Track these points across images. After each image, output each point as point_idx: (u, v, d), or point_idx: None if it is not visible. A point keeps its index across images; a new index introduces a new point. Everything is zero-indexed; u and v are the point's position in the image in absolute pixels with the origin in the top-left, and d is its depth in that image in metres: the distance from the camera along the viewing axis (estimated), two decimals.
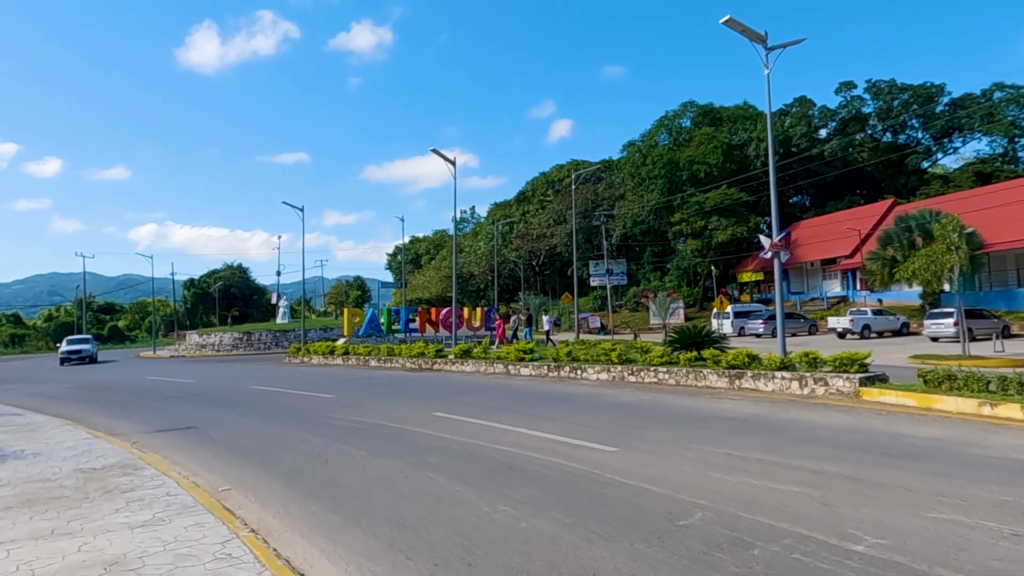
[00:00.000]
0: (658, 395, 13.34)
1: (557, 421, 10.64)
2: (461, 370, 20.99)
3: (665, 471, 7.16)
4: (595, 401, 12.97)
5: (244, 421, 12.65)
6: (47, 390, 22.50)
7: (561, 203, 70.39)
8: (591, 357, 17.01)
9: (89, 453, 9.08)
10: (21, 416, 13.87)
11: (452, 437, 9.66)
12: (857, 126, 62.23)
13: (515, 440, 9.19)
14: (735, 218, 54.43)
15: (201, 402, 16.48)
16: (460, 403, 13.49)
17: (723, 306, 31.85)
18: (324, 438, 10.22)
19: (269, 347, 44.27)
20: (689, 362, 14.67)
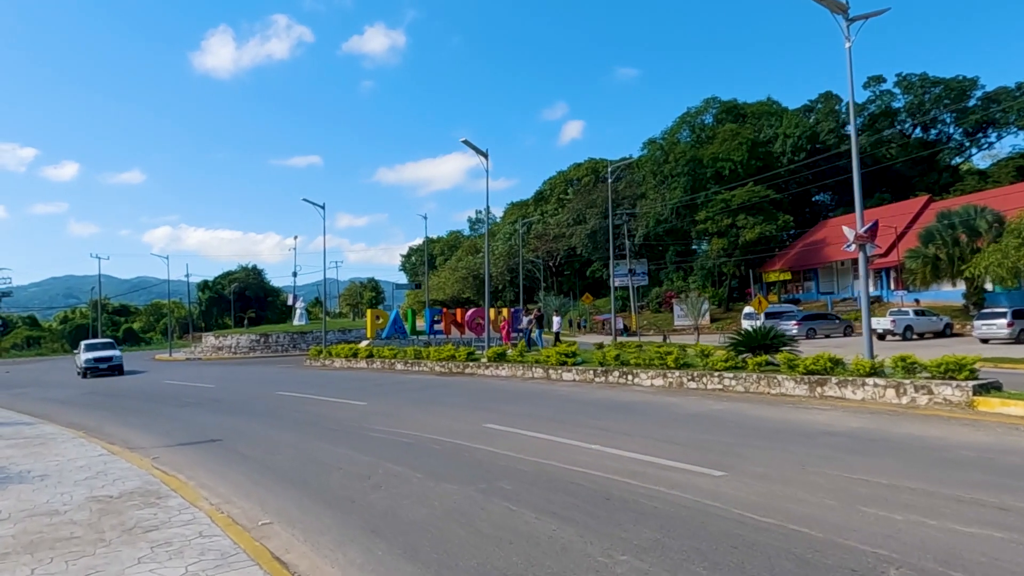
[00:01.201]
0: (731, 404, 11.99)
1: (633, 436, 9.34)
2: (496, 374, 19.73)
3: (803, 504, 5.84)
4: (662, 411, 11.64)
5: (274, 433, 11.44)
6: (60, 395, 21.49)
7: (580, 202, 69.03)
8: (643, 361, 15.69)
9: (104, 475, 7.89)
10: (31, 426, 12.75)
11: (517, 455, 8.39)
12: (887, 121, 60.43)
13: (595, 461, 7.90)
14: (763, 216, 52.81)
15: (223, 409, 15.32)
16: (509, 413, 12.22)
17: (762, 306, 30.36)
18: (368, 455, 8.98)
19: (287, 349, 43.25)
20: (759, 367, 13.32)
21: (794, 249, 58.23)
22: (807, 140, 59.03)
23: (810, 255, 55.19)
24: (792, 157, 58.98)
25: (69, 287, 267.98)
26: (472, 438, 9.76)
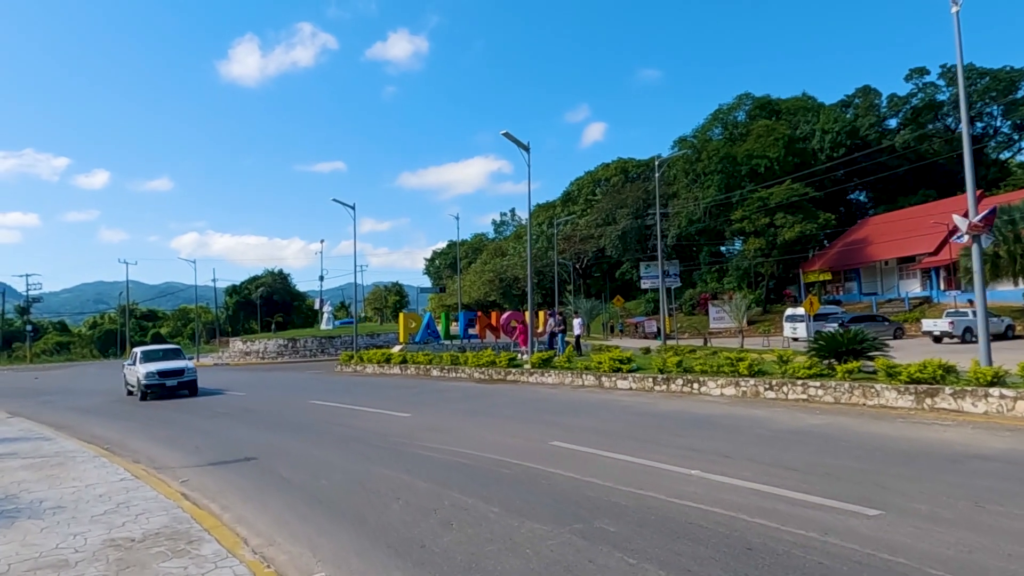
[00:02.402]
0: (829, 417, 10.56)
1: (735, 459, 7.98)
2: (541, 382, 18.44)
3: (1018, 561, 4.47)
4: (751, 427, 10.25)
5: (315, 450, 10.27)
6: (85, 403, 20.65)
7: (610, 202, 67.47)
8: (711, 368, 14.29)
9: (127, 507, 6.74)
10: (51, 441, 11.74)
11: (604, 483, 7.10)
12: (930, 115, 58.13)
13: (704, 492, 6.57)
14: (802, 214, 50.82)
15: (256, 421, 14.23)
16: (574, 428, 10.92)
17: (813, 307, 28.68)
18: (427, 480, 7.75)
19: (315, 354, 42.42)
20: (849, 375, 11.86)
21: (834, 248, 56.14)
22: (847, 135, 56.90)
23: (852, 255, 53.08)
24: (831, 153, 56.90)
25: (99, 293, 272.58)
26: (542, 459, 8.49)
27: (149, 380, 19.69)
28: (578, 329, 28.92)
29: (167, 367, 20.19)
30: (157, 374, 19.76)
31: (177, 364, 20.66)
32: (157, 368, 19.95)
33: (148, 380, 19.67)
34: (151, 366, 20.14)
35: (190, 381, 20.40)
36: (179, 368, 20.32)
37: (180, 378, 20.10)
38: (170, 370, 20.04)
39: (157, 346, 25.93)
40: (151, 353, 21.87)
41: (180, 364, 20.74)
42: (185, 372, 20.30)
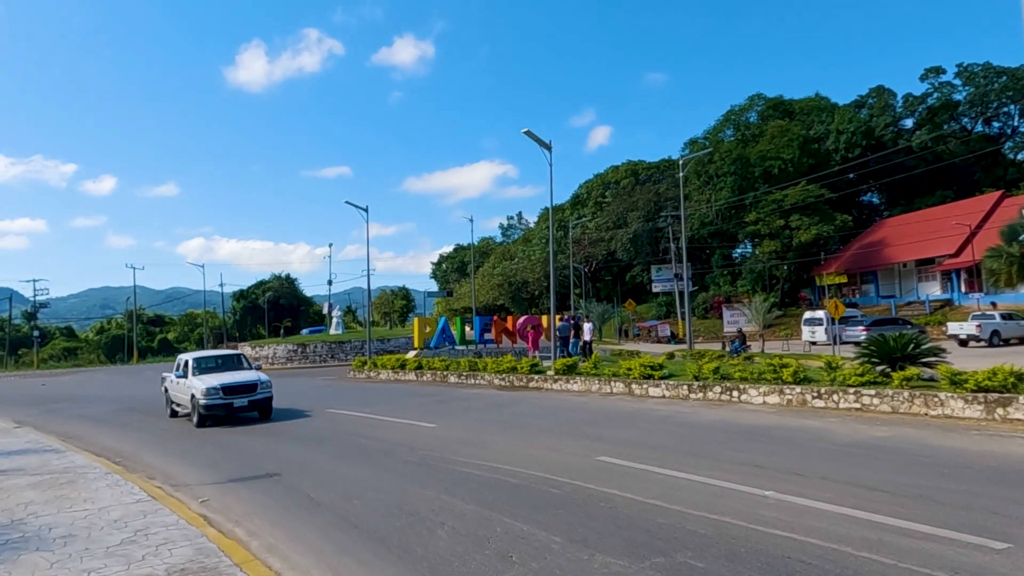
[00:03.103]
0: (893, 429, 9.84)
1: (807, 477, 7.28)
2: (566, 389, 17.74)
3: None
4: (811, 440, 9.53)
5: (341, 466, 9.60)
6: (95, 412, 20.05)
7: (620, 205, 66.77)
8: (751, 375, 13.58)
9: (145, 535, 6.08)
10: (60, 455, 11.11)
11: (672, 506, 6.40)
12: (946, 115, 57.23)
13: (790, 518, 5.87)
14: (818, 216, 50.00)
15: (274, 432, 13.57)
16: (617, 441, 10.22)
17: (839, 311, 27.85)
18: (472, 501, 7.07)
19: (324, 359, 41.81)
20: (907, 382, 11.13)
21: (849, 251, 55.25)
22: (862, 136, 56.08)
23: (868, 257, 52.20)
24: (846, 154, 56.10)
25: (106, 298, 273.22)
26: (593, 477, 7.79)
27: (211, 398, 14.33)
28: (588, 335, 28.19)
29: (233, 380, 14.88)
30: (221, 390, 14.43)
31: (245, 376, 15.26)
32: (221, 382, 14.62)
33: (209, 398, 14.32)
34: (211, 379, 14.80)
35: (264, 400, 15.08)
36: (249, 382, 14.99)
37: (251, 395, 14.80)
38: (238, 385, 14.81)
39: (212, 352, 18.71)
40: (206, 361, 16.27)
41: (249, 376, 15.31)
42: (258, 387, 15.03)
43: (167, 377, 17.32)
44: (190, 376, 15.29)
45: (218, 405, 14.45)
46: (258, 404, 15.07)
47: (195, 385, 14.72)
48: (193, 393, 14.66)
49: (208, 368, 15.83)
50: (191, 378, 15.19)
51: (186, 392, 15.24)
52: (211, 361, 16.43)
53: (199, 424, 14.42)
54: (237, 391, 14.72)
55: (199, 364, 15.95)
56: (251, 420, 15.16)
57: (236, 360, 16.90)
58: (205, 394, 14.34)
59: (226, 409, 14.52)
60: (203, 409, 14.34)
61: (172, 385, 16.65)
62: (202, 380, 14.79)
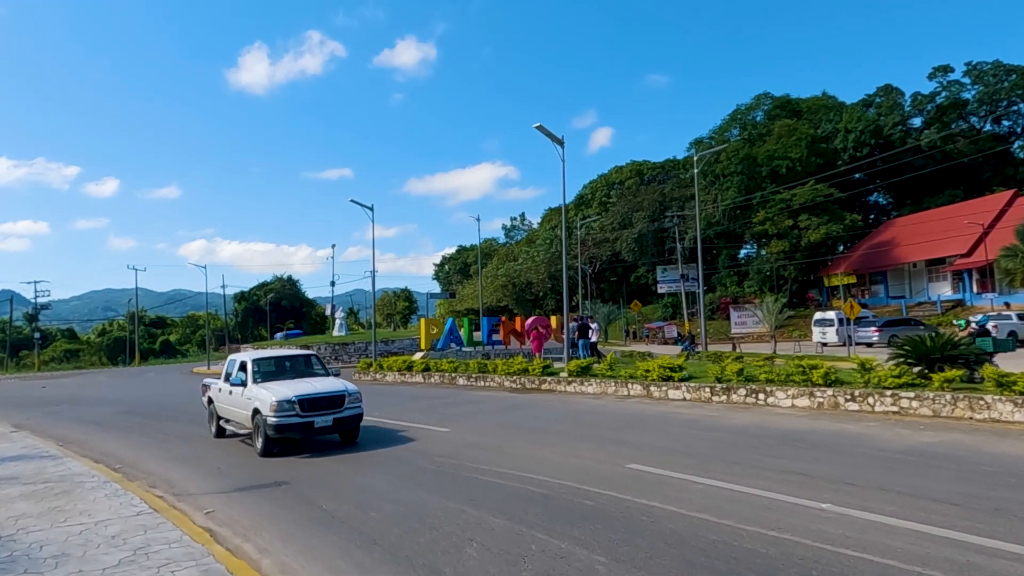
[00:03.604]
0: (939, 434, 9.27)
1: (862, 488, 6.71)
2: (581, 391, 17.18)
3: None
4: (852, 446, 8.97)
5: (352, 473, 9.05)
6: (94, 415, 19.51)
7: (625, 205, 66.22)
8: (778, 377, 13.01)
9: (146, 554, 5.53)
10: (57, 461, 10.56)
11: (723, 521, 5.85)
12: (955, 113, 56.58)
13: (858, 535, 5.32)
14: (828, 216, 49.40)
15: None
16: (644, 447, 9.66)
17: (854, 311, 27.28)
18: (498, 514, 6.52)
19: (328, 362, 41.23)
20: (948, 384, 10.56)
21: (858, 251, 54.64)
22: (871, 135, 55.46)
23: (877, 257, 51.58)
24: (854, 153, 55.51)
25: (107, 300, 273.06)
26: (627, 487, 7.24)
27: (283, 416, 10.32)
28: (594, 336, 27.65)
29: (313, 391, 10.80)
30: (298, 404, 10.45)
31: (328, 386, 11.16)
32: (297, 393, 10.59)
33: (282, 416, 10.32)
34: (281, 389, 10.79)
35: (352, 418, 11.06)
36: (333, 394, 10.94)
37: (337, 412, 10.80)
38: (320, 397, 10.75)
39: (277, 351, 14.41)
40: (270, 363, 12.28)
41: (332, 386, 11.19)
42: (345, 401, 10.99)
43: (212, 384, 13.34)
44: (250, 383, 11.29)
45: (294, 425, 10.34)
46: (344, 424, 10.93)
47: (259, 397, 10.72)
48: (257, 408, 10.68)
49: (274, 372, 11.97)
50: (253, 387, 11.16)
51: (244, 406, 11.29)
52: (277, 363, 12.40)
53: (265, 451, 10.48)
54: (319, 406, 10.63)
55: (262, 367, 11.90)
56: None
57: (307, 361, 12.89)
58: (276, 409, 10.28)
59: (304, 430, 10.52)
60: (272, 430, 10.28)
61: (221, 395, 12.52)
62: (269, 390, 10.70)
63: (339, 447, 11.10)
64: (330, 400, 10.86)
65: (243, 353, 12.81)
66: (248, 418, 11.17)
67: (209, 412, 13.36)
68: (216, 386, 13.00)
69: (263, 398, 10.63)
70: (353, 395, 11.17)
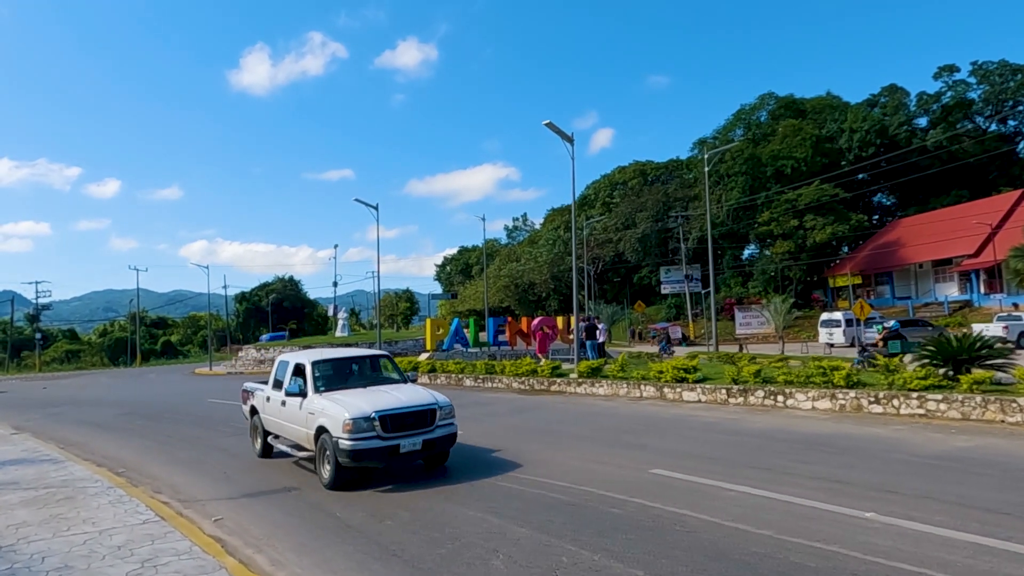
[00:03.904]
0: (973, 438, 8.95)
1: (903, 495, 6.39)
2: (592, 392, 16.86)
3: None
4: (884, 450, 8.64)
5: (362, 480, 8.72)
6: (96, 416, 19.21)
7: (628, 206, 65.90)
8: (797, 378, 12.69)
9: (154, 566, 5.22)
10: (58, 465, 10.25)
11: (762, 531, 5.53)
12: (961, 113, 56.23)
13: (911, 548, 5.00)
14: (833, 216, 49.06)
15: None
16: (666, 451, 9.35)
17: (864, 311, 26.98)
18: (523, 523, 6.21)
19: None
20: (977, 386, 10.24)
21: (863, 252, 54.30)
22: (876, 135, 55.13)
23: (883, 258, 51.24)
24: (859, 153, 55.17)
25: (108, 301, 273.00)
26: (655, 494, 6.92)
27: (361, 438, 7.93)
28: (601, 336, 27.41)
29: (397, 405, 8.40)
30: (379, 422, 8.07)
31: (414, 398, 8.72)
32: (376, 408, 8.19)
33: (359, 438, 7.92)
34: (354, 401, 8.39)
35: (445, 438, 8.75)
36: (421, 407, 8.54)
37: (426, 432, 8.42)
38: (406, 412, 8.36)
39: (341, 352, 10.99)
40: (333, 367, 9.67)
41: (420, 398, 8.76)
42: (436, 417, 8.62)
43: (256, 391, 10.91)
44: (311, 393, 8.78)
45: (375, 451, 7.85)
46: (436, 446, 8.47)
47: (326, 411, 8.22)
48: (323, 426, 8.17)
49: (339, 379, 9.34)
50: (315, 397, 8.65)
51: (304, 421, 8.74)
52: (342, 366, 9.77)
53: (335, 482, 7.96)
54: (405, 424, 8.19)
55: (324, 372, 9.27)
56: None
57: (373, 364, 10.29)
58: (351, 429, 7.78)
59: (387, 456, 8.03)
60: (346, 456, 7.75)
61: (270, 405, 10.01)
62: (339, 403, 8.23)
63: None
64: (418, 416, 8.36)
65: (296, 353, 10.31)
66: (308, 438, 8.62)
67: (252, 424, 10.99)
68: (262, 393, 10.50)
69: (332, 413, 8.09)
70: (445, 409, 8.74)
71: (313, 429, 8.50)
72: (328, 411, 8.27)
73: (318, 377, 9.14)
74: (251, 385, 11.49)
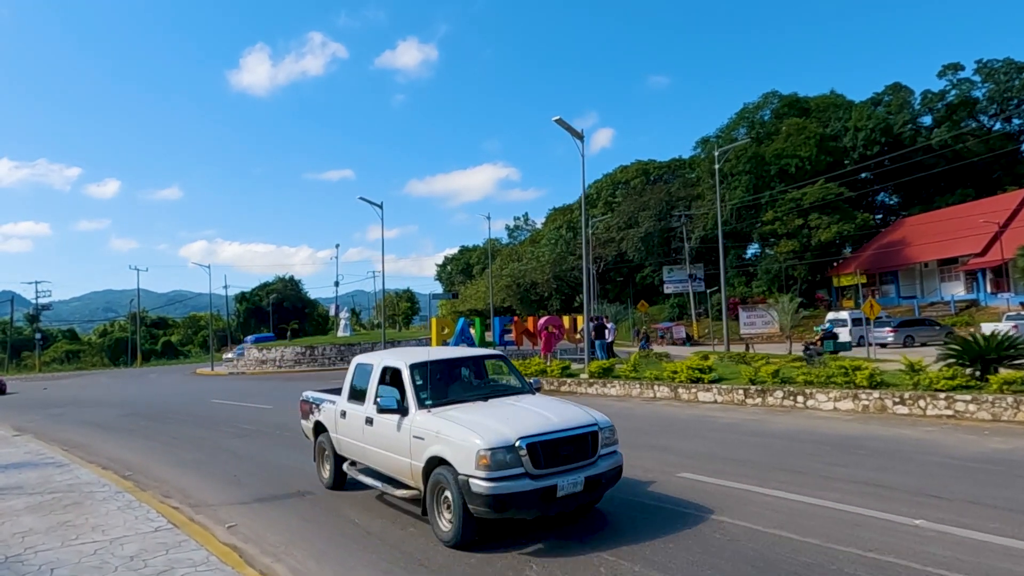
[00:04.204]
0: (1010, 440, 8.69)
1: (949, 500, 6.13)
2: (604, 393, 16.59)
3: None
4: (918, 453, 8.38)
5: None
6: (99, 417, 18.94)
7: (631, 205, 65.64)
8: (818, 379, 12.43)
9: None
10: (63, 468, 9.97)
11: (807, 540, 5.27)
12: (965, 112, 55.97)
13: (972, 558, 4.74)
14: (839, 215, 48.81)
15: (295, 441, 12.37)
16: (690, 454, 9.08)
17: (874, 311, 26.68)
18: (553, 528, 5.92)
19: (334, 362, 40.70)
20: (1008, 386, 9.97)
21: (867, 251, 54.05)
22: (880, 133, 54.86)
23: (888, 257, 50.98)
24: (864, 152, 54.92)
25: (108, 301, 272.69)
26: (691, 501, 6.64)
27: (503, 476, 5.37)
28: (610, 336, 27.20)
29: (548, 427, 5.73)
30: (527, 452, 5.48)
31: (566, 416, 6.00)
32: (521, 432, 5.56)
33: (501, 476, 5.37)
34: (484, 420, 5.82)
35: (612, 473, 5.98)
36: (579, 430, 5.84)
37: (588, 465, 5.79)
38: (561, 438, 5.70)
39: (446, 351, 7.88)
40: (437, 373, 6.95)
41: (573, 416, 6.03)
42: (598, 442, 5.93)
43: (322, 403, 8.24)
44: (414, 409, 6.34)
45: (525, 495, 5.44)
46: (600, 486, 5.94)
47: (443, 435, 5.82)
48: (439, 456, 5.80)
49: (446, 389, 6.83)
50: (420, 414, 6.25)
51: (403, 448, 6.33)
52: (450, 371, 7.23)
53: (461, 539, 5.60)
54: (561, 455, 5.71)
55: (426, 379, 6.73)
56: (279, 432, 13.92)
57: (483, 367, 7.72)
58: (489, 464, 5.38)
59: (541, 503, 5.54)
60: (484, 503, 5.37)
61: (348, 422, 7.44)
62: (459, 423, 5.84)
63: None
64: (577, 443, 5.75)
65: (382, 354, 7.53)
66: (413, 473, 6.11)
67: (317, 446, 8.44)
68: (332, 407, 7.85)
69: (457, 440, 5.58)
70: (606, 431, 6.02)
71: (421, 460, 5.90)
72: (448, 436, 5.65)
73: (421, 386, 6.52)
74: (314, 395, 8.69)
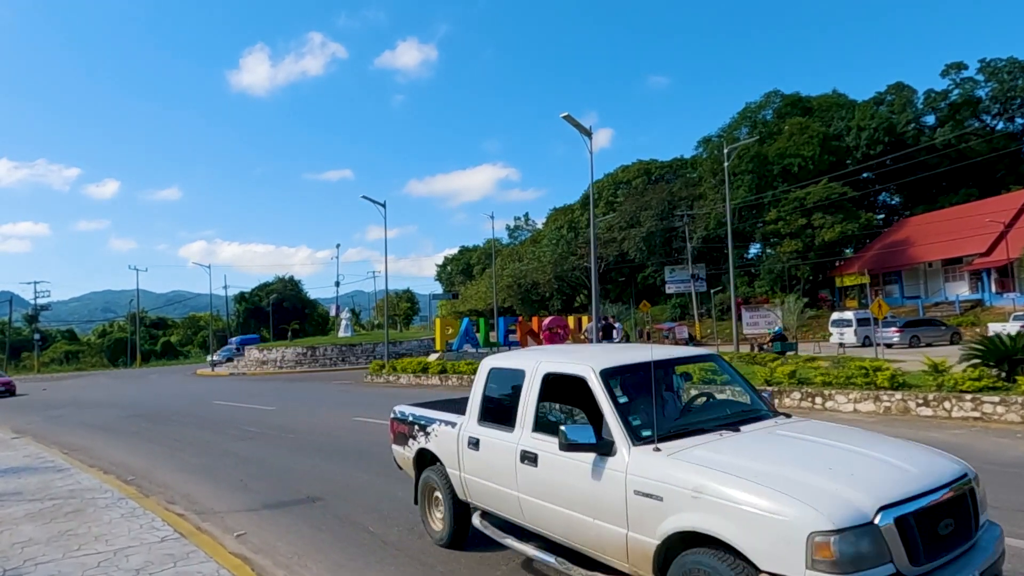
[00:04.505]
0: None
1: (1003, 510, 5.82)
2: None
3: None
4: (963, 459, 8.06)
5: (391, 486, 8.14)
6: (99, 419, 18.62)
7: (633, 204, 65.37)
8: (836, 380, 12.13)
9: None
10: (63, 473, 9.65)
11: None
12: (969, 111, 55.76)
13: None
14: (842, 214, 48.56)
15: (300, 444, 12.12)
16: None
17: (882, 310, 26.39)
18: None
19: (335, 363, 40.38)
20: None
21: (870, 251, 53.82)
22: (884, 132, 54.63)
23: (891, 257, 50.75)
24: (867, 151, 54.69)
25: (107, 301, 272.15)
26: None
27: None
28: (617, 336, 26.91)
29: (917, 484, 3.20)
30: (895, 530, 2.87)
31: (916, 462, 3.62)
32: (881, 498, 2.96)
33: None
34: (797, 472, 3.16)
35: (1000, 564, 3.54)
36: (949, 482, 3.39)
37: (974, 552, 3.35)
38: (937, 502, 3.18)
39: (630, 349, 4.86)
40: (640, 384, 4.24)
41: (926, 462, 3.70)
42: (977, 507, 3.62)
43: (430, 423, 5.70)
44: (625, 447, 3.66)
45: None
46: None
47: (712, 495, 3.12)
48: (702, 532, 3.14)
49: (669, 413, 4.39)
50: (639, 455, 3.59)
51: (610, 512, 3.64)
52: (663, 380, 4.63)
53: None
54: (940, 535, 3.16)
55: (636, 395, 4.39)
56: (284, 435, 13.62)
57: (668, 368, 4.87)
58: (835, 561, 2.73)
59: None
60: None
61: (483, 457, 4.91)
62: (737, 475, 3.15)
63: (362, 453, 10.16)
64: (956, 511, 3.41)
65: (537, 352, 5.11)
66: (638, 552, 3.54)
67: (421, 481, 5.91)
68: (451, 430, 5.35)
69: (753, 507, 3.00)
70: (976, 480, 3.90)
71: (656, 536, 3.43)
72: (727, 499, 3.12)
73: (628, 407, 4.17)
74: (413, 411, 6.12)
